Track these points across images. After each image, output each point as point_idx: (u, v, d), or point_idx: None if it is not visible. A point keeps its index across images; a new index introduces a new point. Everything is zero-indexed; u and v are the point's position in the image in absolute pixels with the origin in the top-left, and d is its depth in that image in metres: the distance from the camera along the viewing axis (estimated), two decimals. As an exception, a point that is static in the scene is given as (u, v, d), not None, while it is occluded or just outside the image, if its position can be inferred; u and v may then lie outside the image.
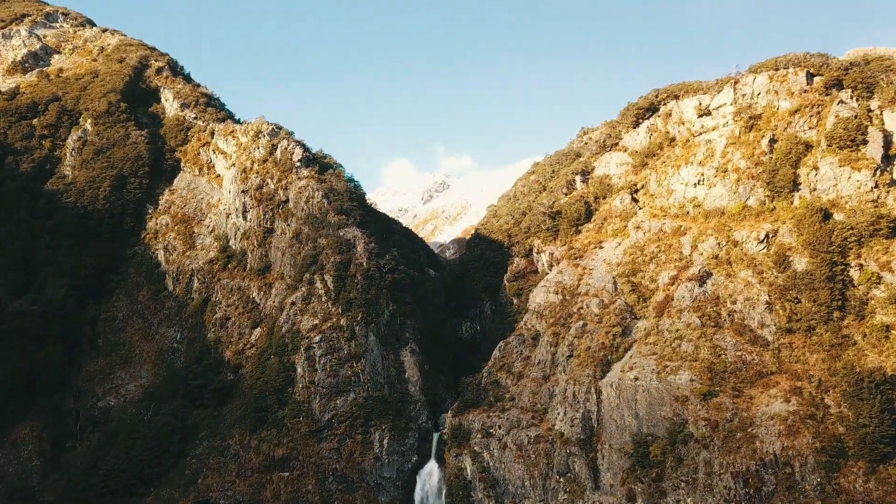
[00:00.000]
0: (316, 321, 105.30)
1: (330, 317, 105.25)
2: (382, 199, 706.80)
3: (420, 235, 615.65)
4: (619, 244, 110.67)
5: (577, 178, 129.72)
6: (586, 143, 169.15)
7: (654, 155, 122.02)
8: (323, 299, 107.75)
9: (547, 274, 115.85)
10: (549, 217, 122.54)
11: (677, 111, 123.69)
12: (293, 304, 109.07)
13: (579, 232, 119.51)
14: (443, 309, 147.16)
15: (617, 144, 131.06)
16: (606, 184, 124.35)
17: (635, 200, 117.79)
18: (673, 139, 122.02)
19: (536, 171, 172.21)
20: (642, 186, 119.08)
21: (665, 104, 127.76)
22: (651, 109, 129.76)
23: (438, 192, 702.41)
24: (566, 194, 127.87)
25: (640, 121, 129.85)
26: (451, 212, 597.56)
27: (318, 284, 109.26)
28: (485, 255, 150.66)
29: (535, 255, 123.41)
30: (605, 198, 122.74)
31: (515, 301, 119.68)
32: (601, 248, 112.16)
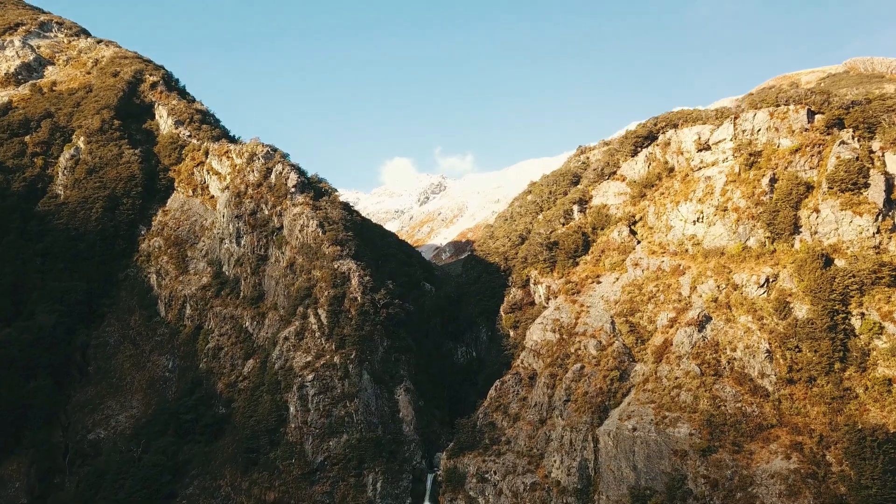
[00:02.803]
0: (309, 358, 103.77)
1: (323, 353, 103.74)
2: (380, 200, 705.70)
3: (416, 237, 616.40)
4: (617, 279, 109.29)
5: (575, 207, 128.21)
6: (584, 164, 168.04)
7: (653, 186, 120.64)
8: (316, 335, 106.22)
9: (544, 307, 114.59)
10: (547, 248, 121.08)
11: (676, 140, 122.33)
12: (286, 339, 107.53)
13: (577, 264, 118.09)
14: (438, 332, 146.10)
15: (615, 173, 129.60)
16: (604, 214, 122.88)
17: (633, 233, 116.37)
18: (672, 169, 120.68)
19: (533, 192, 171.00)
20: (640, 218, 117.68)
21: (664, 132, 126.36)
22: (649, 138, 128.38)
23: (435, 194, 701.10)
24: (563, 224, 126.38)
25: (639, 149, 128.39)
26: (447, 214, 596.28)
27: (312, 319, 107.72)
28: (481, 278, 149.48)
29: (532, 286, 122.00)
30: (602, 229, 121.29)
31: (512, 333, 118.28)
32: (599, 282, 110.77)
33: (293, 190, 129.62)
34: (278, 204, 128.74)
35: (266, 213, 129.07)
